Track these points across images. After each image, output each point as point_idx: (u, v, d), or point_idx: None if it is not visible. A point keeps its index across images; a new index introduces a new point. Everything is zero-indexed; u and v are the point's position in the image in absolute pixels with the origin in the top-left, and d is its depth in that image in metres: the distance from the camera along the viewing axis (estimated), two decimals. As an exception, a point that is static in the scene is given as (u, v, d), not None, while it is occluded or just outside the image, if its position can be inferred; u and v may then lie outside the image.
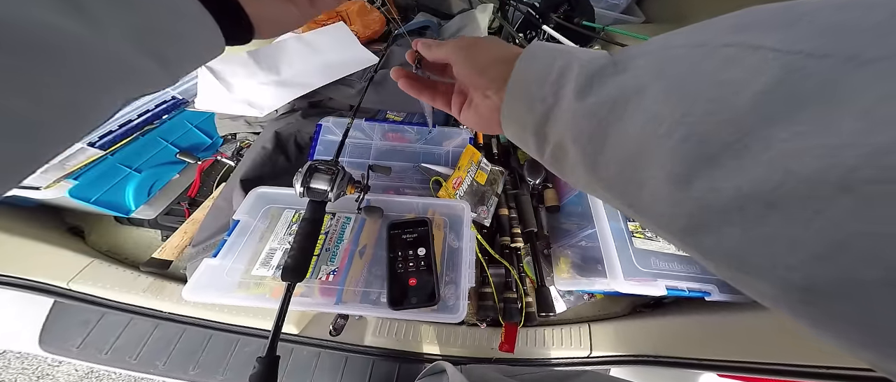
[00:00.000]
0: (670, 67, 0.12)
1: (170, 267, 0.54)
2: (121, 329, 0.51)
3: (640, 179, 0.12)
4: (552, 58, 0.16)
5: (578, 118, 0.14)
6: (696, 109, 0.10)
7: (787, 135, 0.08)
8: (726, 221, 0.09)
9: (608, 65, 0.14)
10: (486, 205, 0.56)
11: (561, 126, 0.15)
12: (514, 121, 0.18)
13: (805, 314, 0.09)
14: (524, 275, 0.53)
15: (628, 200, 0.13)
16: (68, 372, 0.98)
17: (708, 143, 0.10)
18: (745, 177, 0.09)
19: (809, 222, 0.08)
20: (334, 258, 0.44)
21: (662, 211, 0.12)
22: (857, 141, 0.07)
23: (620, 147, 0.13)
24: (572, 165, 0.16)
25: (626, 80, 0.13)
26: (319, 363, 0.50)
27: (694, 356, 0.42)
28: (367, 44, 0.78)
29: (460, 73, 0.21)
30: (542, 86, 0.15)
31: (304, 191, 0.35)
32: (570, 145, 0.15)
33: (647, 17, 0.92)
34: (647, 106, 0.12)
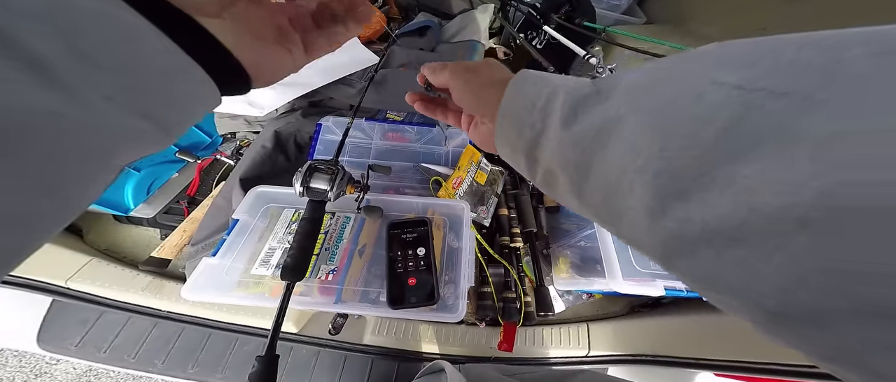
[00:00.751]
0: (647, 99, 0.12)
1: (169, 266, 0.54)
2: (119, 327, 0.51)
3: (621, 209, 0.12)
4: (540, 85, 0.16)
5: (564, 146, 0.14)
6: (671, 144, 0.11)
7: (749, 172, 0.09)
8: (697, 251, 0.10)
9: (592, 95, 0.14)
10: (485, 205, 0.56)
11: (549, 152, 0.16)
12: (506, 144, 0.19)
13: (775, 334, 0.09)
14: (523, 275, 0.53)
15: (612, 227, 0.14)
16: (67, 371, 0.98)
17: (679, 179, 0.10)
18: (711, 212, 0.09)
19: (771, 257, 0.08)
20: (334, 257, 0.44)
21: (641, 239, 0.12)
22: (811, 181, 0.07)
23: (603, 176, 0.13)
24: (562, 191, 0.16)
25: (607, 110, 0.13)
26: (319, 361, 0.50)
27: (691, 355, 0.43)
28: (367, 43, 0.78)
29: (458, 100, 0.22)
30: (530, 112, 0.16)
31: (303, 190, 0.35)
32: (559, 171, 0.15)
33: (649, 17, 0.92)
34: (626, 137, 0.12)
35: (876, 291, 0.07)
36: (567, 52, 0.63)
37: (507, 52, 0.92)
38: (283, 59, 0.17)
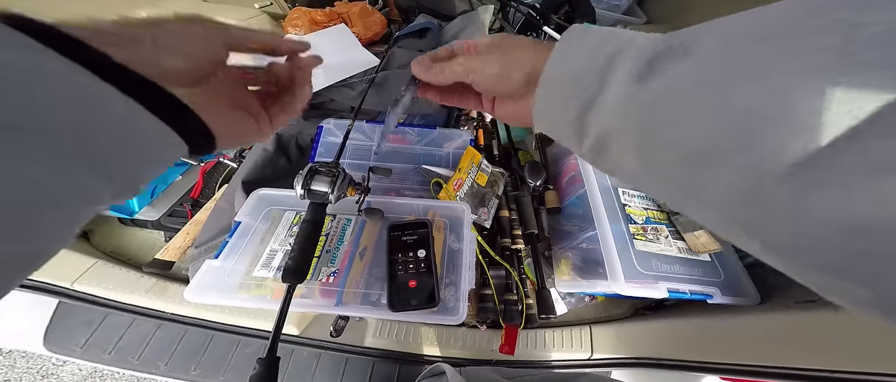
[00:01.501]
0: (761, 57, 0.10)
1: (172, 268, 0.55)
2: (124, 329, 0.51)
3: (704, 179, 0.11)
4: (600, 43, 0.15)
5: (635, 107, 0.13)
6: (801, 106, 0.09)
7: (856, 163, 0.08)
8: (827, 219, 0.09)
9: (667, 49, 0.13)
10: (486, 207, 0.56)
11: (607, 116, 0.14)
12: (547, 113, 0.17)
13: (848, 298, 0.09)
14: (525, 277, 0.53)
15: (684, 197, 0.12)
16: (72, 372, 0.99)
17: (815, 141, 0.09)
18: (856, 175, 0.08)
19: None
20: (335, 259, 0.44)
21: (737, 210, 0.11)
22: None
23: (686, 141, 0.11)
24: (616, 159, 0.15)
25: (696, 68, 0.11)
26: (320, 364, 0.50)
27: (695, 359, 0.42)
28: (368, 45, 0.79)
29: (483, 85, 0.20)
30: (586, 74, 0.15)
31: (305, 192, 0.35)
32: (621, 136, 0.14)
33: (649, 17, 0.92)
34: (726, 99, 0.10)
35: None
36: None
37: (508, 53, 0.92)
38: (247, 125, 0.19)
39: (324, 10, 0.84)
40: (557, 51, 0.16)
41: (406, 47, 0.76)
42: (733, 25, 0.12)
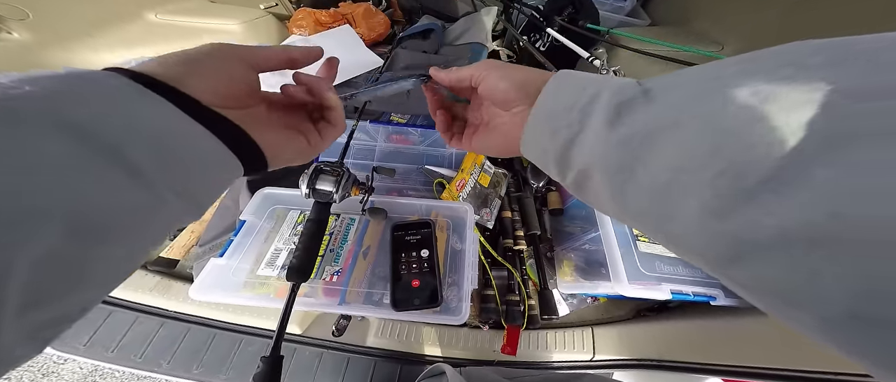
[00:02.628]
0: (706, 102, 0.12)
1: (176, 267, 0.55)
2: (127, 327, 0.51)
3: (671, 211, 0.12)
4: (581, 85, 0.16)
5: (607, 147, 0.14)
6: (732, 143, 0.10)
7: (829, 175, 0.08)
8: (767, 255, 0.09)
9: (638, 96, 0.14)
10: (489, 208, 0.56)
11: (586, 154, 0.15)
12: (535, 144, 0.18)
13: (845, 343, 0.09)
14: (527, 278, 0.53)
15: (658, 230, 0.13)
16: (73, 370, 0.99)
17: (745, 178, 0.10)
18: (787, 215, 0.09)
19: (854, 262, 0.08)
20: (338, 259, 0.44)
21: (695, 242, 0.12)
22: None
23: (651, 177, 0.13)
24: (596, 192, 0.16)
25: (658, 112, 0.13)
26: (322, 363, 0.50)
27: (698, 360, 0.42)
28: (371, 46, 0.79)
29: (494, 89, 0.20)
30: (570, 111, 0.16)
31: (309, 192, 0.35)
32: (596, 173, 0.15)
33: (653, 19, 0.92)
34: (681, 139, 0.12)
35: None
36: (570, 55, 0.63)
37: (511, 54, 0.92)
38: (298, 143, 0.20)
39: (328, 10, 0.85)
40: (549, 86, 0.18)
41: (410, 48, 0.76)
42: (691, 73, 0.13)
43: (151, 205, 0.12)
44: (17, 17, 0.57)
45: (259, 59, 0.18)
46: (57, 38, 0.63)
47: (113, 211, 0.11)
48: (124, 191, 0.11)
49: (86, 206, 0.10)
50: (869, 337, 0.08)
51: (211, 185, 0.15)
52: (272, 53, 0.18)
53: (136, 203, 0.12)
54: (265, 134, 0.17)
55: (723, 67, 0.12)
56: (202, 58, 0.15)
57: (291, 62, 0.20)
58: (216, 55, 0.16)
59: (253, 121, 0.17)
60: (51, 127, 0.10)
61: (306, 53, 0.20)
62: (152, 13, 0.75)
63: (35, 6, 0.57)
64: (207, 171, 0.15)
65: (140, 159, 0.12)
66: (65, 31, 0.64)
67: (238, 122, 0.16)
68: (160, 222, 0.13)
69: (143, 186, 0.12)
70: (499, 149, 0.23)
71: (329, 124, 0.22)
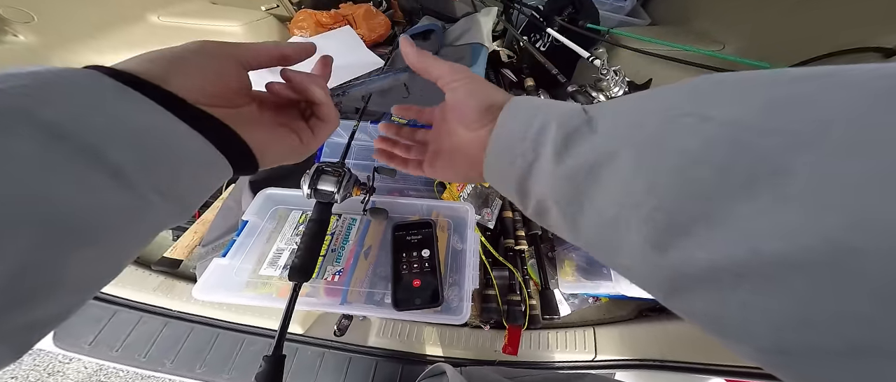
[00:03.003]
0: (637, 133, 0.12)
1: (180, 267, 0.55)
2: (131, 327, 0.52)
3: (618, 243, 0.12)
4: (531, 114, 0.16)
5: (557, 180, 0.14)
6: (663, 180, 0.11)
7: (747, 212, 0.09)
8: (702, 288, 0.10)
9: (582, 125, 0.14)
10: (490, 208, 0.56)
11: (542, 184, 0.15)
12: (496, 172, 0.18)
13: (774, 369, 0.09)
14: (528, 278, 0.53)
15: (610, 261, 0.14)
16: (78, 370, 1.00)
17: (677, 214, 0.10)
18: (715, 250, 0.09)
19: (775, 296, 0.08)
20: (340, 258, 0.44)
21: (641, 274, 0.12)
22: (809, 224, 0.08)
23: (598, 211, 0.13)
24: (555, 223, 0.16)
25: (599, 143, 0.13)
26: (323, 363, 0.50)
27: (701, 360, 0.42)
28: (372, 47, 0.79)
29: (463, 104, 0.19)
30: (523, 141, 0.16)
31: (311, 192, 0.36)
32: (552, 204, 0.15)
33: (653, 19, 0.92)
34: (619, 173, 0.12)
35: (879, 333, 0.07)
36: (571, 55, 0.63)
37: (511, 54, 0.92)
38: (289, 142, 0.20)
39: (329, 12, 0.85)
40: (504, 114, 0.17)
41: (410, 49, 0.76)
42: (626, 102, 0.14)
43: (135, 207, 0.12)
44: (22, 20, 0.57)
45: (249, 55, 0.17)
46: (61, 40, 0.64)
47: (93, 213, 0.11)
48: (105, 192, 0.11)
49: (64, 208, 0.10)
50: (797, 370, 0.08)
51: (199, 186, 0.15)
52: (263, 50, 0.18)
53: (118, 204, 0.11)
54: (255, 133, 0.17)
55: (650, 100, 0.13)
56: (188, 55, 0.15)
57: (283, 58, 0.19)
58: (203, 52, 0.15)
59: (243, 120, 0.16)
60: (24, 125, 0.09)
61: (299, 49, 0.19)
62: (155, 15, 0.76)
63: (40, 9, 0.58)
64: (194, 172, 0.14)
65: (122, 159, 0.11)
66: (69, 34, 0.64)
67: (227, 121, 0.15)
68: (146, 223, 0.13)
69: (126, 187, 0.11)
70: (463, 174, 0.22)
71: (320, 121, 0.21)
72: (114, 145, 0.11)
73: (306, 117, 0.22)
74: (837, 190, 0.07)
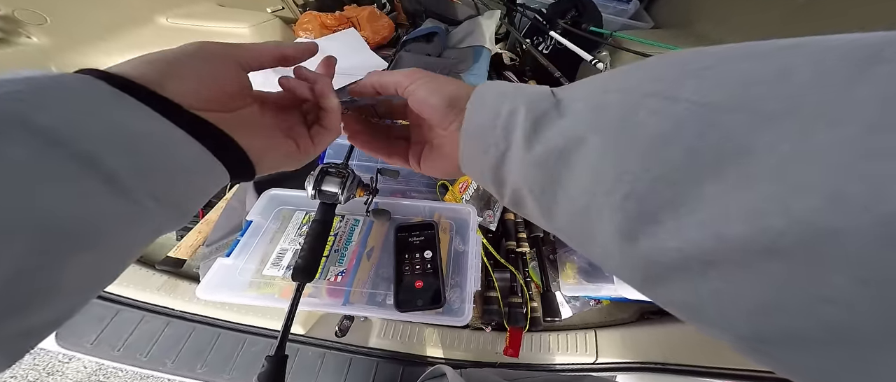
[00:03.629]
0: (604, 116, 0.11)
1: (183, 266, 0.55)
2: (133, 326, 0.52)
3: (592, 232, 0.12)
4: (499, 101, 0.15)
5: (528, 167, 0.14)
6: (632, 165, 0.10)
7: (714, 193, 0.08)
8: (674, 277, 0.09)
9: (551, 109, 0.13)
10: (492, 210, 0.56)
11: (515, 173, 0.15)
12: (472, 164, 0.17)
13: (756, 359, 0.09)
14: (530, 280, 0.53)
15: (584, 250, 0.13)
16: (77, 369, 1.00)
17: (647, 201, 0.10)
18: (683, 238, 0.09)
19: (745, 282, 0.08)
20: (343, 259, 0.44)
21: (615, 264, 0.12)
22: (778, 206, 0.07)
23: (570, 199, 0.12)
24: (531, 212, 0.15)
25: (567, 128, 0.13)
26: (324, 364, 0.50)
27: (704, 364, 0.42)
28: (376, 49, 0.80)
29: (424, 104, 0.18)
30: (493, 129, 0.15)
31: (315, 193, 0.36)
32: (526, 193, 0.15)
33: (656, 22, 0.92)
34: (589, 159, 0.12)
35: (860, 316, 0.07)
36: (573, 58, 0.63)
37: (514, 57, 0.93)
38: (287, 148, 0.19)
39: (334, 14, 0.86)
40: (472, 101, 0.16)
41: (414, 51, 0.77)
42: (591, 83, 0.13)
43: (130, 212, 0.12)
44: (36, 22, 0.58)
45: (248, 56, 0.17)
46: (73, 41, 0.64)
47: (88, 220, 0.11)
48: (99, 198, 0.11)
49: (59, 214, 0.10)
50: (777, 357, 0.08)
51: (195, 192, 0.15)
52: (263, 50, 0.17)
53: (113, 210, 0.11)
54: (253, 138, 0.16)
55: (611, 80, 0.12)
56: (184, 58, 0.14)
57: (284, 59, 0.18)
58: (199, 55, 0.15)
59: (241, 124, 0.16)
60: (19, 131, 0.09)
61: (300, 49, 0.19)
62: (163, 17, 0.77)
63: (53, 11, 0.59)
64: (190, 178, 0.14)
65: (116, 165, 0.11)
66: (80, 35, 0.65)
67: (224, 126, 0.15)
68: (142, 229, 0.13)
69: (120, 193, 0.11)
70: (446, 171, 0.21)
71: (324, 128, 0.20)
72: (108, 151, 0.11)
73: (308, 123, 0.21)
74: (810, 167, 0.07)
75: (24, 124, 0.10)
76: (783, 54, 0.08)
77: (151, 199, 0.12)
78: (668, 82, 0.10)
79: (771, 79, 0.08)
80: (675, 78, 0.10)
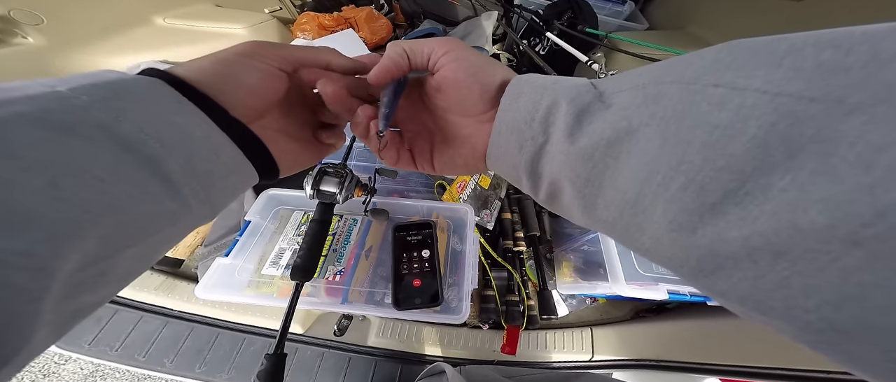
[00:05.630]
0: (659, 107, 0.11)
1: (181, 266, 0.56)
2: (131, 326, 0.52)
3: (641, 223, 0.12)
4: (538, 94, 0.15)
5: (572, 160, 0.13)
6: (692, 156, 0.10)
7: (786, 184, 0.08)
8: (737, 267, 0.09)
9: (595, 101, 0.13)
10: (489, 209, 0.56)
11: (556, 165, 0.14)
12: (504, 159, 0.16)
13: (824, 351, 0.09)
14: (526, 279, 0.54)
15: (630, 242, 0.13)
16: (74, 371, 0.99)
17: (708, 192, 0.09)
18: (750, 228, 0.09)
19: (821, 272, 0.08)
20: (341, 258, 0.45)
21: (668, 255, 0.11)
22: (863, 196, 0.07)
23: (618, 190, 0.12)
24: (568, 204, 0.15)
25: (614, 119, 0.12)
26: (323, 362, 0.51)
27: (696, 360, 0.43)
28: (374, 50, 0.81)
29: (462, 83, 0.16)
30: (531, 123, 0.15)
31: (313, 193, 0.36)
32: (567, 185, 0.14)
33: (651, 23, 0.93)
34: (641, 149, 0.11)
35: None
36: (569, 58, 0.64)
37: (511, 58, 0.93)
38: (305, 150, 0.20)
39: (331, 14, 0.86)
40: (507, 96, 0.16)
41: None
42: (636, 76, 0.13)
43: (177, 209, 0.13)
44: (32, 23, 0.58)
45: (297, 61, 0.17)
46: (69, 42, 0.64)
47: (147, 217, 0.12)
48: (158, 197, 0.12)
49: (127, 212, 0.11)
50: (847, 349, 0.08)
51: (229, 191, 0.16)
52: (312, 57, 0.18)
53: (165, 208, 0.13)
54: (278, 143, 0.18)
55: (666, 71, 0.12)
56: (239, 66, 0.16)
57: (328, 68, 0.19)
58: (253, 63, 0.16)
59: (269, 130, 0.17)
60: (105, 139, 0.11)
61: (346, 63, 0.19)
62: (160, 17, 0.77)
63: (49, 12, 0.59)
64: (228, 178, 0.15)
65: (172, 166, 0.13)
66: (76, 36, 0.65)
67: (257, 131, 0.16)
68: (182, 225, 0.14)
69: (173, 192, 0.13)
70: (466, 166, 0.19)
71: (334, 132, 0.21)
72: (169, 155, 0.12)
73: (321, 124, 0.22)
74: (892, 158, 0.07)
75: (110, 133, 0.11)
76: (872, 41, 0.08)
77: (194, 197, 0.14)
78: (735, 72, 0.10)
79: (858, 67, 0.08)
80: (742, 67, 0.10)
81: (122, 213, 0.11)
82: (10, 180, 0.09)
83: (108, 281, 0.12)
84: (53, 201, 0.10)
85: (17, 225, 0.09)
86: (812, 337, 0.09)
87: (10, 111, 0.10)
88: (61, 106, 0.11)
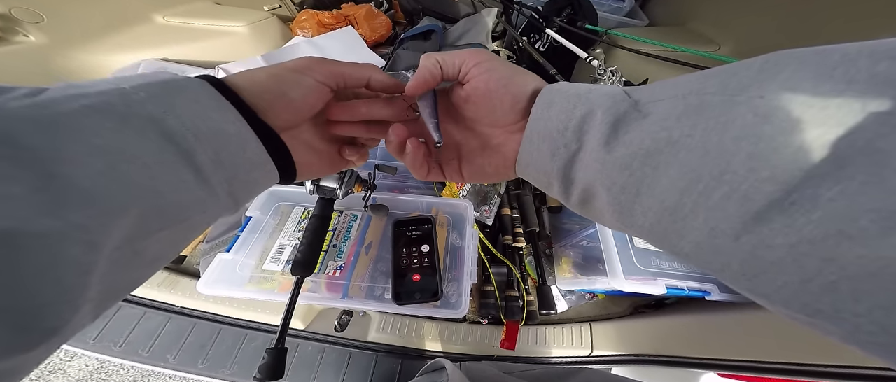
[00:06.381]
0: (701, 118, 0.11)
1: (183, 263, 0.56)
2: (135, 322, 0.52)
3: (680, 230, 0.12)
4: (572, 103, 0.15)
5: (608, 169, 0.13)
6: (736, 166, 0.10)
7: (835, 194, 0.08)
8: (782, 272, 0.09)
9: (631, 110, 0.13)
10: (488, 205, 0.57)
11: (590, 173, 0.14)
12: (535, 166, 0.17)
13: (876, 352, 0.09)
14: (526, 274, 0.54)
15: (668, 246, 0.13)
16: (79, 367, 1.00)
17: (752, 201, 0.09)
18: (797, 236, 0.09)
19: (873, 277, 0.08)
20: (341, 254, 0.45)
21: (709, 260, 0.11)
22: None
23: (657, 198, 0.12)
24: (601, 210, 0.15)
25: (654, 129, 0.12)
26: (324, 358, 0.51)
27: (695, 355, 0.43)
28: (373, 47, 0.81)
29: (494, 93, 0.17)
30: (564, 132, 0.15)
31: (314, 189, 0.37)
32: (601, 191, 0.14)
33: (651, 20, 0.92)
34: (682, 159, 0.11)
35: None
36: (569, 55, 0.64)
37: (511, 54, 0.93)
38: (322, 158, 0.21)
39: (331, 12, 0.86)
40: (539, 104, 0.16)
41: (411, 49, 0.77)
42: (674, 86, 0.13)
43: (206, 198, 0.14)
44: (32, 21, 0.59)
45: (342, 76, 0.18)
46: (70, 40, 0.65)
47: (181, 202, 0.13)
48: (190, 185, 0.13)
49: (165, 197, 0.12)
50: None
51: (252, 186, 0.17)
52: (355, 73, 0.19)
53: (196, 196, 0.14)
54: (300, 152, 0.19)
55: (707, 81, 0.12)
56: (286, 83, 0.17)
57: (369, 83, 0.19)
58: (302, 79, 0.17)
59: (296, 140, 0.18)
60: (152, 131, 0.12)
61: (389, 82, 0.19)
62: (160, 15, 0.77)
63: (49, 10, 0.59)
64: (249, 174, 0.16)
65: (204, 158, 0.14)
66: (77, 34, 0.65)
67: (286, 140, 0.17)
68: (209, 214, 0.15)
69: (203, 181, 0.14)
70: (497, 174, 0.19)
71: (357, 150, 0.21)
72: (202, 148, 0.13)
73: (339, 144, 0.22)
74: None
75: (159, 126, 0.12)
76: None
77: (221, 188, 0.15)
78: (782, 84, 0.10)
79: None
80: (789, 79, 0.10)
81: (161, 197, 0.12)
82: (79, 162, 0.10)
83: (139, 262, 0.13)
84: (111, 182, 0.11)
85: (80, 201, 0.10)
86: (863, 339, 0.09)
87: (83, 103, 0.11)
88: (123, 100, 0.12)
